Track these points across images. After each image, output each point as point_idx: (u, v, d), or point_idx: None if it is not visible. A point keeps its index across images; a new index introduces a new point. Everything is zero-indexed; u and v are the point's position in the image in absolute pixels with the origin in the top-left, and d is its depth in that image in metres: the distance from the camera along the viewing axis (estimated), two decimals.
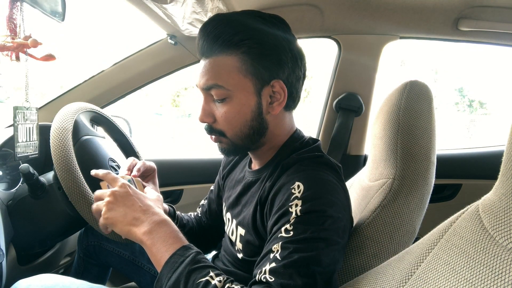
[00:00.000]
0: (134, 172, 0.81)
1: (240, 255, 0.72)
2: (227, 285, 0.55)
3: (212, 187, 0.98)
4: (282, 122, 0.72)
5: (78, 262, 1.14)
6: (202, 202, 1.01)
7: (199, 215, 0.99)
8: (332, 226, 0.57)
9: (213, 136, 0.71)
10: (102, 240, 1.09)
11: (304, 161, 0.66)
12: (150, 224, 0.62)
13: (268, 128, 0.69)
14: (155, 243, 0.60)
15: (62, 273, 1.21)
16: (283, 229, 0.56)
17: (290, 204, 0.57)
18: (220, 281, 0.55)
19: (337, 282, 0.60)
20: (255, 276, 0.56)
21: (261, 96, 0.66)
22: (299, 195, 0.58)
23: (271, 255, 0.56)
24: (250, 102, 0.66)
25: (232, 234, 0.76)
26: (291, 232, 0.55)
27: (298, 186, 0.58)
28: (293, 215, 0.56)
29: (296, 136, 0.73)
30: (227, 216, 0.80)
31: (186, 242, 0.62)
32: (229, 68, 0.65)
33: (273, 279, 0.53)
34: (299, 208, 0.56)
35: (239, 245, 0.72)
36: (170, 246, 0.60)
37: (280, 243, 0.55)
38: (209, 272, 0.56)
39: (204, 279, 0.55)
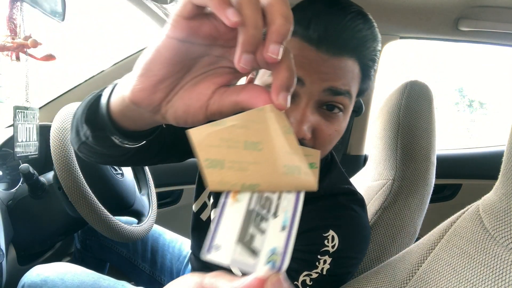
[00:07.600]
0: None
1: None
2: None
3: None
4: None
5: (76, 255, 1.15)
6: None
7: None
8: (355, 267, 0.56)
9: None
10: (100, 237, 1.10)
11: (339, 196, 0.58)
12: None
13: None
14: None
15: None
16: (301, 278, 0.50)
17: (319, 258, 0.51)
18: None
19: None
20: None
21: None
22: (331, 250, 0.51)
23: None
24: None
25: None
26: (308, 287, 0.50)
27: (333, 238, 0.52)
28: (318, 270, 0.51)
29: None
30: None
31: None
32: (354, 76, 0.51)
33: None
34: (326, 266, 0.51)
35: None
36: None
37: None
38: None
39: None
